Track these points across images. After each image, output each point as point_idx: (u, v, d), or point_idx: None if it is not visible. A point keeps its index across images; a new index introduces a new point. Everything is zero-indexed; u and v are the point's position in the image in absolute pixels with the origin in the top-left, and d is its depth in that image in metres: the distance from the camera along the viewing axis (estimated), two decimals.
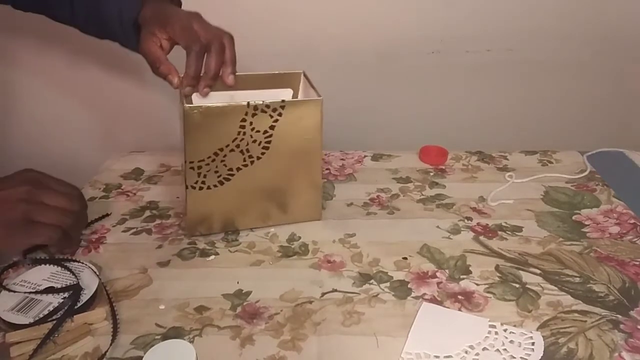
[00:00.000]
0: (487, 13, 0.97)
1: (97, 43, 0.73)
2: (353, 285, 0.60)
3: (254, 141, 0.63)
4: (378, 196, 0.77)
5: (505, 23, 0.98)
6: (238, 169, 0.65)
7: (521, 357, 0.49)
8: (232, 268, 0.63)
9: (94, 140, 1.08)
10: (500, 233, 0.68)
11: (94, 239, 0.68)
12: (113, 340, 0.52)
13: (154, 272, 0.62)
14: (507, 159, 0.87)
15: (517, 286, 0.59)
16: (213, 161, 0.63)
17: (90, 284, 0.57)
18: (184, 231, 0.69)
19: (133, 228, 0.70)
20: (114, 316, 0.54)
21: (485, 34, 0.99)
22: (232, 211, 0.68)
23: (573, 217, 0.72)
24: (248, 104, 0.61)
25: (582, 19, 0.98)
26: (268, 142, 0.64)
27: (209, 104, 0.60)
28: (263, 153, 0.64)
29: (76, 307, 0.54)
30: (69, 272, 0.59)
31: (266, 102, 0.61)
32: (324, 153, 0.89)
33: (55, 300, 0.55)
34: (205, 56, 0.60)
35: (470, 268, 0.62)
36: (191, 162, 0.63)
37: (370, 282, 0.60)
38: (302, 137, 0.65)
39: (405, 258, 0.64)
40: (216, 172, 0.64)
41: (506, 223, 0.70)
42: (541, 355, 0.50)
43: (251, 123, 0.62)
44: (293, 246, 0.67)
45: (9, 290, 0.56)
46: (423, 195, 0.78)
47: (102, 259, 0.64)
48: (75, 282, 0.57)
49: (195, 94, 0.62)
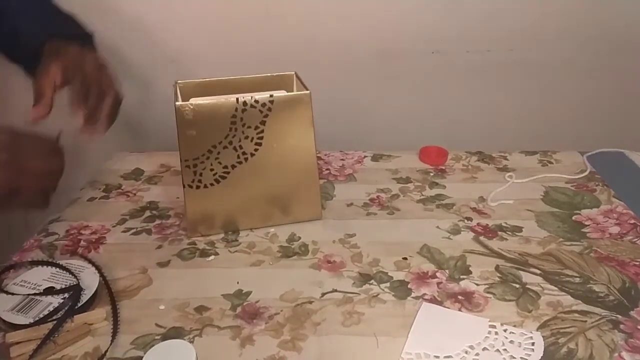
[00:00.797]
0: (487, 13, 0.97)
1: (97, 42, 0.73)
2: (353, 285, 0.60)
3: (246, 137, 0.64)
4: (378, 196, 0.77)
5: (505, 23, 0.98)
6: (233, 167, 0.65)
7: (521, 357, 0.49)
8: (232, 268, 0.63)
9: (94, 140, 1.08)
10: (500, 233, 0.68)
11: (94, 239, 0.68)
12: (113, 339, 0.51)
13: (154, 272, 0.62)
14: (507, 159, 0.87)
15: (517, 286, 0.59)
16: (207, 159, 0.64)
17: (90, 284, 0.57)
18: (184, 231, 0.69)
19: (133, 228, 0.70)
20: (115, 314, 0.54)
21: (485, 34, 0.99)
22: (231, 210, 0.68)
23: (573, 218, 0.72)
24: (237, 100, 0.63)
25: (582, 19, 0.98)
26: (260, 138, 0.65)
27: (200, 102, 0.62)
28: (256, 149, 0.65)
29: (76, 308, 0.54)
30: (69, 273, 0.59)
31: (255, 98, 0.63)
32: (324, 153, 0.89)
33: (55, 300, 0.55)
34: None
35: (470, 268, 0.62)
36: (186, 161, 0.64)
37: (370, 282, 0.60)
38: (294, 132, 0.66)
39: (405, 258, 0.64)
40: (212, 170, 0.65)
41: (506, 223, 0.70)
42: (541, 355, 0.50)
43: (242, 119, 0.63)
44: (293, 246, 0.67)
45: (8, 292, 0.56)
46: (423, 195, 0.78)
47: (102, 259, 0.64)
48: (75, 283, 0.57)
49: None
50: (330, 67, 1.01)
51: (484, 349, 0.50)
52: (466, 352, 0.50)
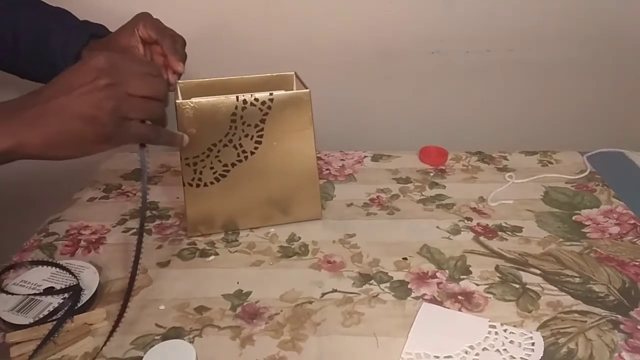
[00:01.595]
0: (487, 13, 0.97)
1: None
2: (353, 285, 0.60)
3: (246, 135, 0.65)
4: (378, 196, 0.77)
5: (505, 23, 0.98)
6: (233, 165, 0.65)
7: (521, 358, 0.49)
8: (232, 268, 0.63)
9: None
10: (500, 233, 0.68)
11: (94, 239, 0.68)
12: (112, 331, 0.51)
13: (154, 273, 0.62)
14: (507, 160, 0.87)
15: (517, 286, 0.59)
16: (207, 157, 0.64)
17: (90, 284, 0.57)
18: (184, 232, 0.69)
19: (133, 228, 0.70)
20: (122, 311, 0.53)
21: (485, 34, 0.99)
22: (231, 209, 0.68)
23: (573, 218, 0.72)
24: (237, 98, 0.63)
25: (582, 19, 0.98)
26: (260, 137, 0.65)
27: (200, 99, 0.62)
28: (256, 148, 0.65)
29: (76, 308, 0.54)
30: (69, 273, 0.59)
31: (255, 96, 0.63)
32: (324, 153, 0.89)
33: (55, 300, 0.55)
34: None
35: (470, 268, 0.62)
36: (186, 159, 0.64)
37: (370, 283, 0.60)
38: (294, 131, 0.66)
39: (405, 258, 0.64)
40: (212, 169, 0.65)
41: (506, 223, 0.70)
42: (541, 355, 0.50)
43: (242, 117, 0.64)
44: (293, 246, 0.67)
45: (8, 292, 0.56)
46: (423, 195, 0.78)
47: (102, 259, 0.64)
48: (75, 283, 0.57)
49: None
50: (330, 67, 1.01)
51: (484, 349, 0.50)
52: (466, 352, 0.50)
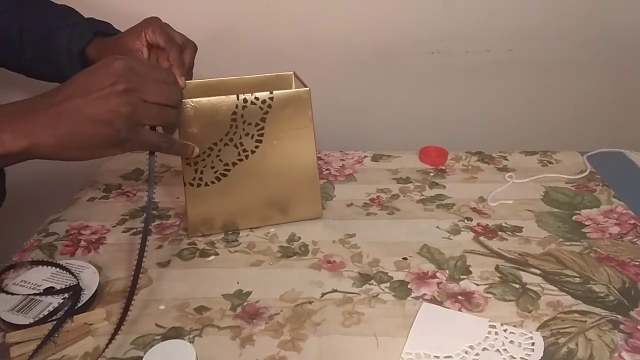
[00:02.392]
0: (487, 13, 0.97)
1: None
2: (353, 285, 0.60)
3: (247, 134, 0.65)
4: (378, 196, 0.77)
5: (505, 23, 0.98)
6: (234, 164, 0.65)
7: (521, 358, 0.49)
8: (232, 268, 0.63)
9: None
10: (500, 233, 0.68)
11: (94, 239, 0.68)
12: (115, 334, 0.51)
13: (154, 273, 0.62)
14: (507, 160, 0.87)
15: (517, 286, 0.59)
16: (209, 156, 0.64)
17: (90, 284, 0.57)
18: (184, 232, 0.69)
19: (133, 228, 0.70)
20: (126, 311, 0.53)
21: (485, 35, 0.99)
22: (232, 208, 0.68)
23: (573, 218, 0.72)
24: (238, 97, 0.63)
25: (582, 19, 0.98)
26: (260, 135, 0.65)
27: (201, 98, 0.62)
28: (257, 146, 0.65)
29: (76, 308, 0.54)
30: (69, 273, 0.59)
31: (255, 94, 0.63)
32: (324, 153, 0.89)
33: (55, 300, 0.55)
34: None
35: (470, 268, 0.62)
36: (187, 158, 0.64)
37: (370, 283, 0.60)
38: (294, 129, 0.66)
39: (405, 258, 0.64)
40: (212, 168, 0.65)
41: (506, 223, 0.70)
42: (541, 355, 0.50)
43: (242, 116, 0.64)
44: (293, 246, 0.67)
45: (8, 292, 0.56)
46: (423, 195, 0.78)
47: (102, 259, 0.64)
48: (75, 283, 0.57)
49: None
50: (330, 67, 1.01)
51: (484, 349, 0.50)
52: (466, 352, 0.50)
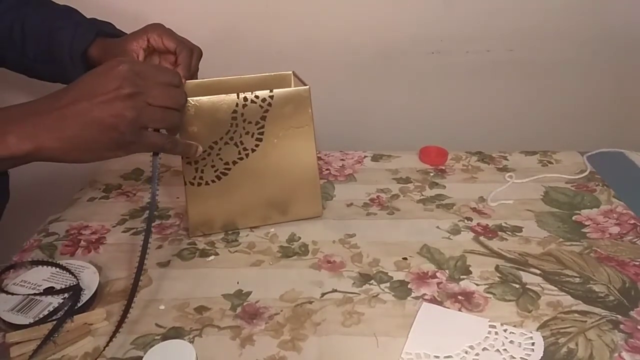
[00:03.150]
0: (487, 13, 0.97)
1: None
2: (353, 285, 0.60)
3: (247, 133, 0.65)
4: (378, 196, 0.77)
5: (505, 23, 0.98)
6: (234, 163, 0.65)
7: (521, 357, 0.49)
8: (232, 268, 0.63)
9: None
10: (500, 233, 0.68)
11: (94, 239, 0.68)
12: (115, 333, 0.51)
13: (154, 273, 0.62)
14: (507, 160, 0.87)
15: (517, 286, 0.59)
16: (209, 155, 0.64)
17: (90, 284, 0.57)
18: (184, 231, 0.69)
19: (133, 228, 0.70)
20: (126, 311, 0.53)
21: (485, 34, 0.99)
22: (232, 207, 0.68)
23: (573, 218, 0.72)
24: (238, 95, 0.63)
25: (582, 19, 0.98)
26: (261, 134, 0.65)
27: (202, 97, 0.62)
28: (257, 145, 0.66)
29: (76, 308, 0.54)
30: (69, 273, 0.59)
31: (255, 93, 0.64)
32: (324, 153, 0.89)
33: (55, 300, 0.55)
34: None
35: (470, 268, 0.62)
36: (187, 157, 0.64)
37: (370, 283, 0.60)
38: (294, 128, 0.66)
39: (405, 258, 0.64)
40: (213, 167, 0.65)
41: (506, 223, 0.70)
42: (541, 355, 0.50)
43: (242, 114, 0.64)
44: (293, 246, 0.67)
45: (9, 292, 0.56)
46: (423, 195, 0.78)
47: (102, 259, 0.64)
48: (75, 283, 0.57)
49: None
50: (329, 68, 1.01)
51: (484, 349, 0.50)
52: (466, 352, 0.50)
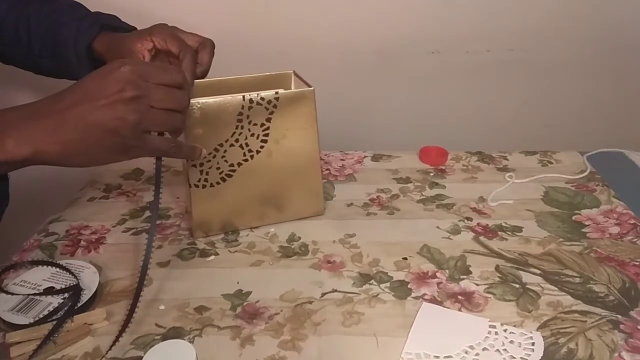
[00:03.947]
0: (487, 13, 0.97)
1: None
2: (353, 285, 0.60)
3: (252, 135, 0.65)
4: (378, 196, 0.77)
5: (505, 23, 0.98)
6: (239, 164, 0.65)
7: (521, 357, 0.49)
8: (232, 268, 0.63)
9: None
10: (500, 233, 0.68)
11: (94, 239, 0.68)
12: (119, 336, 0.51)
13: (154, 273, 0.62)
14: (507, 159, 0.87)
15: (517, 286, 0.59)
16: (214, 157, 0.64)
17: (90, 284, 0.57)
18: (185, 232, 0.69)
19: (133, 228, 0.70)
20: (131, 312, 0.53)
21: (485, 34, 0.99)
22: (236, 208, 0.68)
23: (573, 218, 0.72)
24: (244, 97, 0.63)
25: (582, 19, 0.98)
26: (266, 135, 0.65)
27: (207, 100, 0.62)
28: (262, 147, 0.65)
29: (76, 308, 0.54)
30: (69, 273, 0.59)
31: (261, 95, 0.63)
32: (324, 153, 0.89)
33: (55, 300, 0.55)
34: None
35: (470, 268, 0.62)
36: (192, 160, 0.63)
37: (370, 283, 0.60)
38: (298, 128, 0.66)
39: (405, 258, 0.64)
40: (218, 169, 0.65)
41: (506, 223, 0.70)
42: (541, 355, 0.50)
43: (248, 116, 0.64)
44: (293, 246, 0.67)
45: (8, 292, 0.56)
46: (423, 195, 0.78)
47: (102, 259, 0.64)
48: (75, 283, 0.57)
49: None
50: (330, 67, 1.01)
51: (484, 349, 0.50)
52: (466, 352, 0.50)
